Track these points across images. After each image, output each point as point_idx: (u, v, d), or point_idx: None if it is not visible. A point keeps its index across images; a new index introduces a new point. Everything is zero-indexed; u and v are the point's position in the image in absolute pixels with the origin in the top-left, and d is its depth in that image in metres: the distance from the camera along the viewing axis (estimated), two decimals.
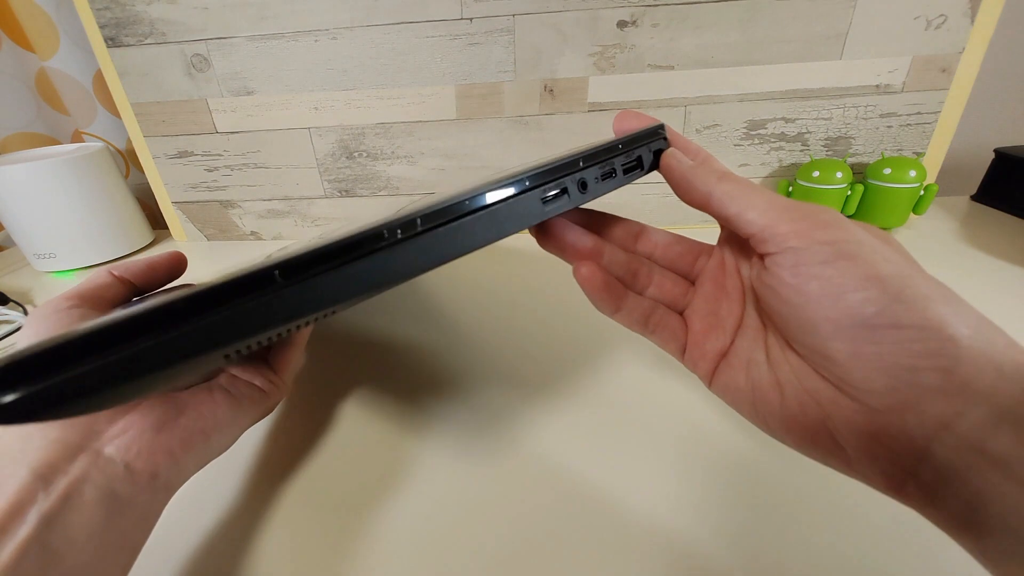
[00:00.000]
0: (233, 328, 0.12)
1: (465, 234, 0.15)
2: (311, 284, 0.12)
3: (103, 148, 0.56)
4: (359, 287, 0.13)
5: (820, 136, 0.51)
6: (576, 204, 0.18)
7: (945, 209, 0.56)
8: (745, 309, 0.20)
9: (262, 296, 0.12)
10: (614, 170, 0.19)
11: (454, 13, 0.48)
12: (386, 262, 0.13)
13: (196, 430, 0.21)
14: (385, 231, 0.13)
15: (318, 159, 0.57)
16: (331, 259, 0.13)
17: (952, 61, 0.47)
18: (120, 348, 0.10)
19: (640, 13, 0.47)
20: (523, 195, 0.16)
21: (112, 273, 0.24)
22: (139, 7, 0.50)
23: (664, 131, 0.21)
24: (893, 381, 0.14)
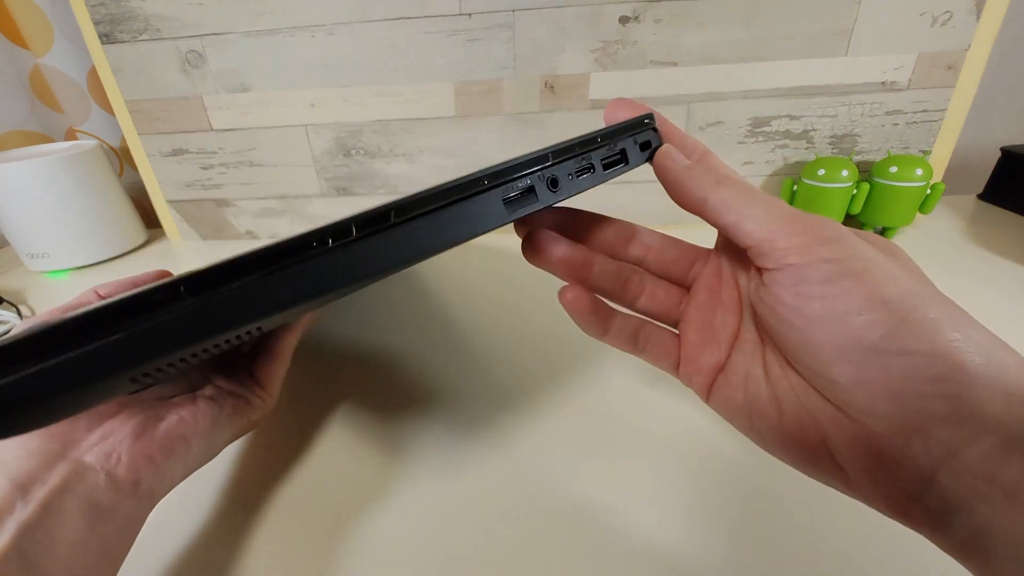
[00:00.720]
0: (136, 350, 0.10)
1: (410, 241, 0.13)
2: (224, 299, 0.11)
3: (97, 146, 0.56)
4: (282, 302, 0.12)
5: (825, 134, 0.51)
6: (547, 204, 0.16)
7: (951, 208, 0.55)
8: (742, 321, 0.19)
9: (168, 314, 0.10)
10: (591, 165, 0.17)
11: (453, 8, 0.47)
12: (316, 274, 0.12)
13: (177, 436, 0.21)
14: (314, 240, 0.12)
15: (315, 157, 0.56)
16: (249, 271, 0.11)
17: (958, 58, 0.46)
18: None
19: (642, 9, 0.46)
20: (480, 195, 0.14)
21: (97, 292, 0.24)
22: (134, 3, 0.50)
23: (653, 121, 0.19)
24: (898, 407, 0.13)
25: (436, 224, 0.14)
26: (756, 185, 0.54)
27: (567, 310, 0.20)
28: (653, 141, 0.19)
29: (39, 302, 0.50)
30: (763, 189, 0.54)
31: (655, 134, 0.19)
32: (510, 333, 0.38)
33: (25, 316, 0.47)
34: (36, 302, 0.50)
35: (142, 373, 0.11)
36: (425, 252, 0.13)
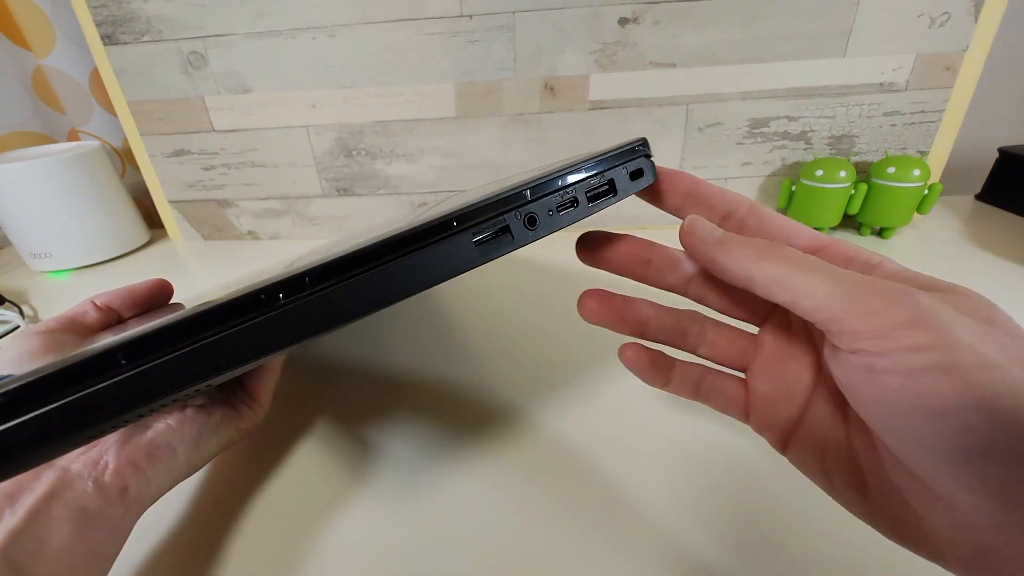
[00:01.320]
0: (74, 419, 0.10)
1: (370, 290, 0.12)
2: (162, 367, 0.11)
3: (99, 147, 0.56)
4: (234, 361, 0.11)
5: (823, 135, 0.51)
6: (524, 243, 0.15)
7: (949, 208, 0.55)
8: (818, 378, 0.17)
9: (104, 383, 0.11)
10: (575, 199, 0.16)
11: (453, 10, 0.48)
12: (269, 330, 0.12)
13: (163, 444, 0.21)
14: (263, 295, 0.11)
15: (316, 157, 0.56)
16: (191, 334, 0.11)
17: (956, 59, 0.47)
18: None
19: (642, 10, 0.47)
20: (447, 239, 0.13)
21: (94, 302, 0.25)
22: (136, 4, 0.50)
23: (647, 148, 0.18)
24: (1005, 518, 0.11)
25: (400, 271, 0.13)
26: (755, 186, 0.54)
27: (628, 367, 0.19)
28: (646, 169, 0.18)
29: (41, 302, 0.50)
30: (761, 190, 0.54)
31: (648, 161, 0.18)
32: (503, 339, 0.38)
33: (28, 316, 0.47)
34: (38, 302, 0.50)
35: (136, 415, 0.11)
36: (389, 300, 0.13)
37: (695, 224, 0.17)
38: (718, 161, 0.53)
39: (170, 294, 0.28)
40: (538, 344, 0.37)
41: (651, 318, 0.19)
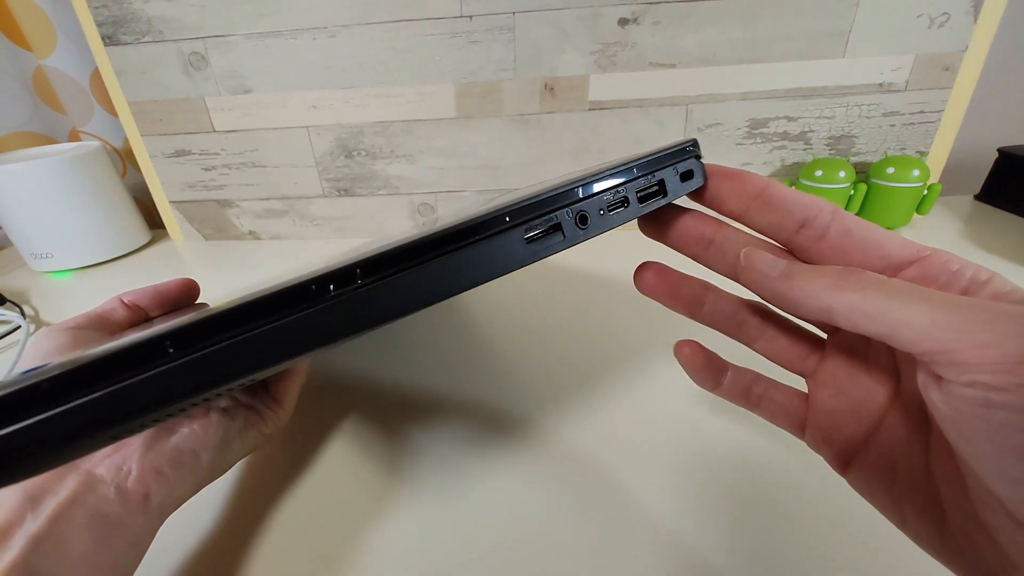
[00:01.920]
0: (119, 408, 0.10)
1: (421, 285, 0.12)
2: (214, 354, 0.11)
3: (100, 147, 0.56)
4: (283, 352, 0.11)
5: (823, 135, 0.51)
6: (574, 243, 0.14)
7: (949, 208, 0.55)
8: (896, 398, 0.15)
9: (152, 371, 0.10)
10: (626, 198, 0.15)
11: (454, 11, 0.48)
12: (318, 323, 0.11)
13: (187, 450, 0.20)
14: (314, 285, 0.11)
15: (316, 158, 0.57)
16: (239, 325, 0.11)
17: (955, 59, 0.47)
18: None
19: (641, 11, 0.47)
20: (500, 235, 0.13)
21: (122, 300, 0.25)
22: (136, 5, 0.50)
23: (697, 148, 0.17)
24: None
25: (455, 265, 0.12)
26: None
27: (681, 364, 0.18)
28: (696, 171, 0.17)
29: (42, 302, 0.50)
30: None
31: (699, 163, 0.17)
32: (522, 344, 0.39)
33: (28, 316, 0.47)
34: (39, 302, 0.50)
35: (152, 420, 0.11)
36: (441, 295, 0.12)
37: (752, 258, 0.15)
38: (718, 161, 0.53)
39: (197, 294, 0.28)
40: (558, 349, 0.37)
41: (707, 299, 0.18)
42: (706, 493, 0.25)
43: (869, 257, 0.14)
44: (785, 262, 0.15)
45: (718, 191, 0.17)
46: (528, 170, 0.55)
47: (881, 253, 0.14)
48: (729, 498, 0.24)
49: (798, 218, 0.15)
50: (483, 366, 0.35)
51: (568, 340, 0.37)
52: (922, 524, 0.14)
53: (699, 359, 0.18)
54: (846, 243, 0.15)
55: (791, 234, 0.16)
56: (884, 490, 0.15)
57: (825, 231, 0.15)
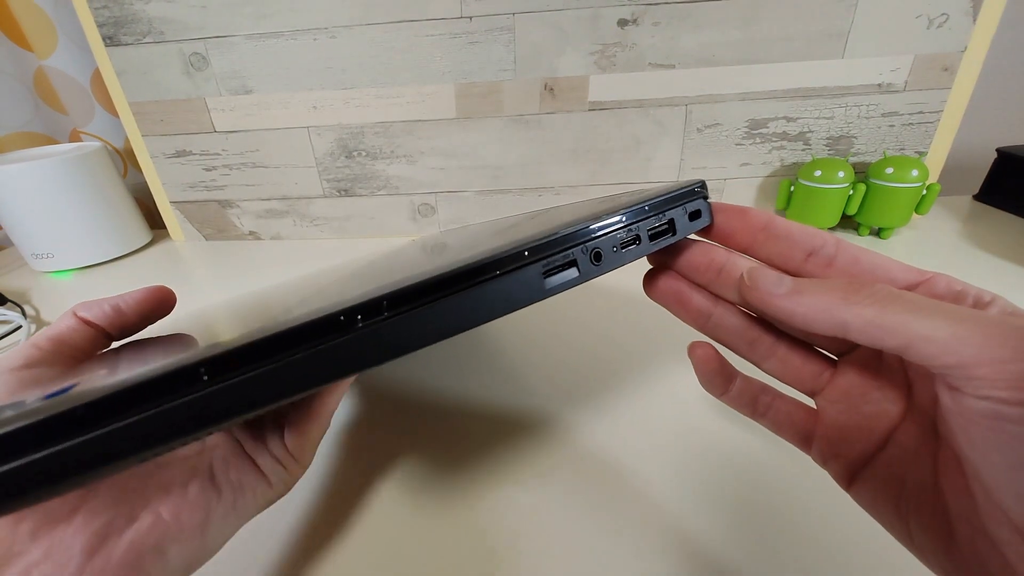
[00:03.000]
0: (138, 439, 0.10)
1: (445, 318, 0.12)
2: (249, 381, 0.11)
3: (101, 147, 0.56)
4: (309, 382, 0.11)
5: (822, 135, 0.51)
6: (587, 279, 0.15)
7: (947, 208, 0.55)
8: (908, 410, 0.15)
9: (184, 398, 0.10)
10: (638, 236, 0.16)
11: (454, 11, 0.48)
12: (345, 353, 0.12)
13: (148, 549, 0.15)
14: (343, 316, 0.11)
15: (317, 158, 0.57)
16: (273, 353, 0.11)
17: (954, 60, 0.47)
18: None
19: (641, 11, 0.47)
20: (519, 271, 0.13)
21: (77, 315, 0.19)
22: (137, 6, 0.50)
23: (704, 189, 0.18)
24: None
25: (477, 299, 0.13)
26: (754, 186, 0.54)
27: (694, 365, 0.18)
28: (703, 211, 0.17)
29: (43, 302, 0.50)
30: (760, 190, 0.54)
31: (706, 203, 0.18)
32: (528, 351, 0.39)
33: (29, 316, 0.47)
34: (40, 302, 0.50)
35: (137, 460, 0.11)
36: (463, 327, 0.13)
37: (756, 277, 0.15)
38: (717, 162, 0.53)
39: (171, 305, 0.21)
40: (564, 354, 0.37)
41: (714, 311, 0.18)
42: (713, 495, 0.25)
43: (877, 280, 0.15)
44: (791, 279, 0.15)
45: (725, 226, 0.17)
46: (528, 170, 0.55)
47: (888, 277, 0.15)
48: (738, 501, 0.24)
49: (805, 247, 0.16)
50: (492, 369, 0.35)
51: (576, 345, 0.37)
52: (928, 539, 0.13)
53: (713, 362, 0.18)
54: (853, 269, 0.15)
55: (799, 263, 0.16)
56: (891, 505, 0.14)
57: (832, 259, 0.15)
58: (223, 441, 0.19)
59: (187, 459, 0.18)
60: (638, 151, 0.53)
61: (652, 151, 0.53)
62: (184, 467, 0.17)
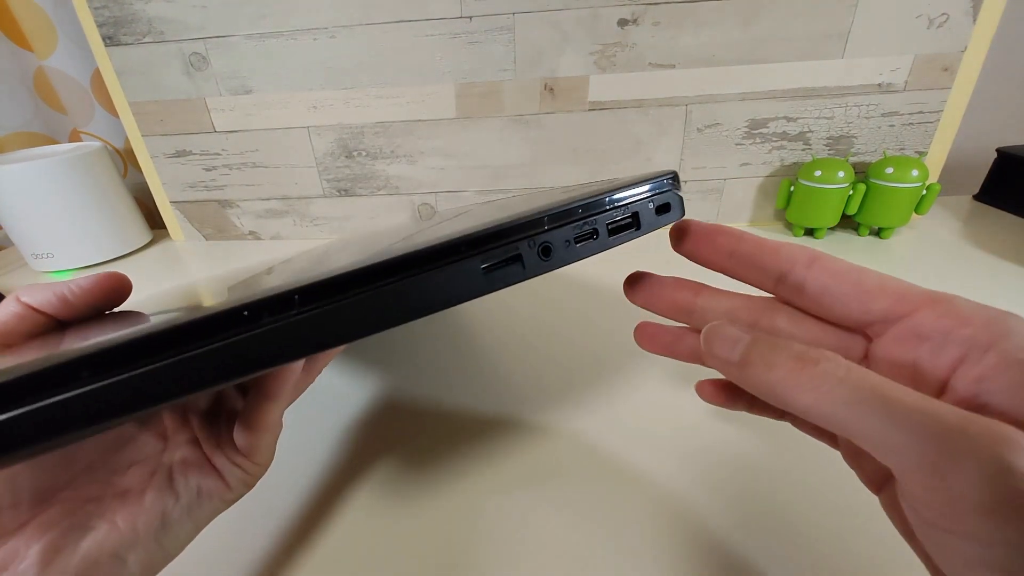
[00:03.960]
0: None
1: (369, 311, 0.12)
2: (145, 375, 0.10)
3: (101, 147, 0.56)
4: (209, 379, 0.11)
5: (822, 135, 0.51)
6: (536, 274, 0.14)
7: (947, 208, 0.55)
8: None
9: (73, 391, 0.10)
10: (596, 231, 0.15)
11: (454, 11, 0.48)
12: (247, 350, 0.11)
13: (104, 556, 0.15)
14: (246, 311, 0.11)
15: (317, 158, 0.57)
16: (173, 347, 0.10)
17: (954, 60, 0.47)
18: None
19: (641, 11, 0.47)
20: (455, 264, 0.12)
21: (20, 300, 0.17)
22: (137, 6, 0.50)
23: (676, 181, 0.16)
24: None
25: (399, 295, 0.12)
26: (754, 186, 0.54)
27: (705, 400, 0.18)
28: (674, 204, 0.16)
29: None
30: (760, 190, 0.54)
31: (676, 196, 0.16)
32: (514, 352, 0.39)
33: None
34: None
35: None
36: (385, 324, 0.12)
37: (711, 341, 0.14)
38: (717, 162, 0.53)
39: (125, 292, 0.19)
40: (551, 354, 0.37)
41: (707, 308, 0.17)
42: (712, 490, 0.25)
43: (850, 311, 0.14)
44: (745, 342, 0.13)
45: (695, 251, 0.17)
46: (528, 170, 0.55)
47: (863, 308, 0.14)
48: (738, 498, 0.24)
49: (773, 273, 0.15)
50: (478, 372, 0.35)
51: (562, 345, 0.37)
52: (930, 567, 0.13)
53: (721, 396, 0.18)
54: (825, 300, 0.15)
55: (772, 288, 0.16)
56: (900, 525, 0.14)
57: (802, 285, 0.15)
58: (183, 441, 0.19)
59: (147, 461, 0.18)
60: (638, 151, 0.53)
61: (652, 151, 0.53)
62: (143, 469, 0.17)
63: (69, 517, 0.15)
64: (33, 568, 0.14)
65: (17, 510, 0.15)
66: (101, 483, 0.16)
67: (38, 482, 0.15)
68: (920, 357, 0.13)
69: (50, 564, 0.14)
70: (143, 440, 0.18)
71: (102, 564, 0.15)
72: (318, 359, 0.21)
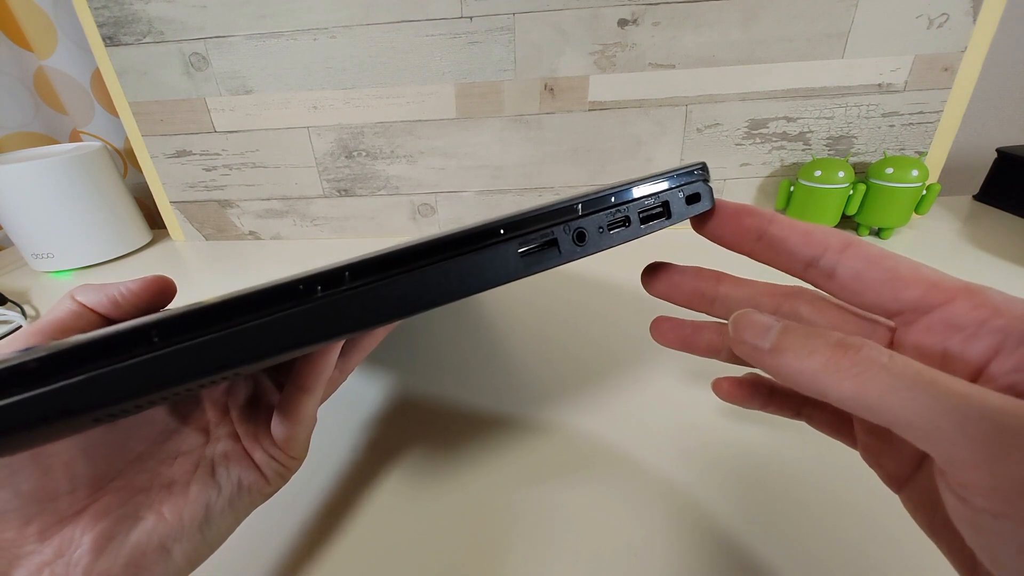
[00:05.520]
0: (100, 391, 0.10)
1: (412, 290, 0.12)
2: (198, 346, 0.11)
3: (101, 147, 0.56)
4: (262, 351, 0.11)
5: (822, 135, 0.51)
6: (571, 259, 0.14)
7: (947, 208, 0.55)
8: None
9: (132, 360, 0.10)
10: (627, 218, 0.15)
11: (454, 11, 0.48)
12: (299, 324, 0.11)
13: (153, 547, 0.16)
14: (301, 286, 0.11)
15: (317, 158, 0.57)
16: (227, 319, 0.11)
17: (954, 60, 0.47)
18: None
19: (641, 11, 0.47)
20: (492, 247, 0.13)
21: (75, 298, 0.17)
22: (137, 6, 0.50)
23: (705, 172, 0.17)
24: None
25: (439, 275, 0.12)
26: (754, 186, 0.54)
27: (724, 400, 0.18)
28: (703, 195, 0.16)
29: (43, 302, 0.50)
30: (760, 190, 0.54)
31: (706, 186, 0.17)
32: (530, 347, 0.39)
33: (30, 316, 0.47)
34: (40, 302, 0.50)
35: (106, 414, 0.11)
36: (429, 303, 0.12)
37: (741, 328, 0.14)
38: (717, 162, 0.53)
39: (171, 296, 0.20)
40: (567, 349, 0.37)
41: (723, 348, 0.17)
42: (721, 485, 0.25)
43: (881, 298, 0.14)
44: (777, 329, 0.13)
45: (720, 233, 0.17)
46: (528, 170, 0.55)
47: (895, 295, 0.13)
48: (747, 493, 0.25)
49: (803, 258, 0.15)
50: (494, 367, 0.35)
51: (578, 343, 0.37)
52: (956, 561, 0.13)
53: (740, 395, 0.18)
54: (855, 286, 0.14)
55: (800, 273, 0.15)
56: (925, 522, 0.14)
57: (833, 270, 0.14)
58: (224, 435, 0.19)
59: (191, 452, 0.18)
60: (638, 151, 0.53)
61: (652, 151, 0.53)
62: (188, 461, 0.18)
63: (121, 506, 0.16)
64: (87, 556, 0.14)
65: (75, 496, 0.15)
66: (149, 473, 0.17)
67: (93, 470, 0.16)
68: (951, 346, 0.13)
69: (102, 553, 0.15)
70: (187, 433, 0.19)
71: (149, 555, 0.16)
72: (351, 357, 0.22)
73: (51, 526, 0.15)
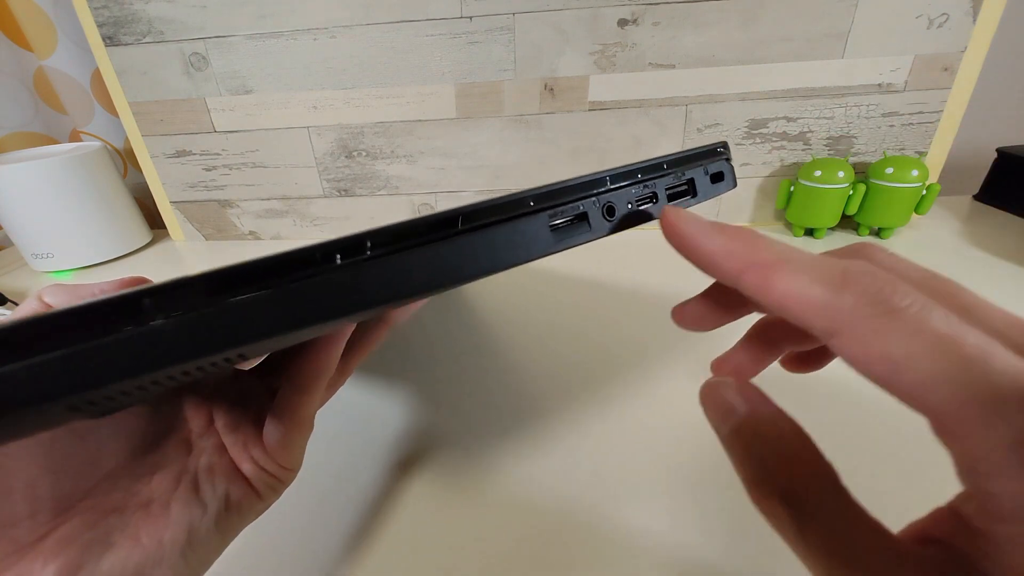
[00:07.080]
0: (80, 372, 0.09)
1: (436, 264, 0.11)
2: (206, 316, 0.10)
3: (101, 147, 0.56)
4: (278, 324, 0.10)
5: (822, 135, 0.51)
6: (600, 235, 0.14)
7: (947, 208, 0.55)
8: None
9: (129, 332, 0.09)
10: (654, 194, 0.15)
11: (454, 11, 0.48)
12: (318, 292, 0.10)
13: (127, 574, 0.14)
14: (319, 254, 0.10)
15: (317, 158, 0.57)
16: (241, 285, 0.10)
17: (954, 60, 0.47)
18: None
19: (641, 11, 0.47)
20: (522, 219, 0.12)
21: (42, 299, 0.15)
22: (137, 6, 0.50)
23: (727, 150, 0.17)
24: None
25: (475, 246, 0.11)
26: (754, 186, 0.54)
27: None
28: (726, 173, 0.16)
29: None
30: (760, 190, 0.54)
31: (728, 166, 0.17)
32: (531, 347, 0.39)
33: None
34: None
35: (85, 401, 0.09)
36: (450, 279, 0.11)
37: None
38: None
39: None
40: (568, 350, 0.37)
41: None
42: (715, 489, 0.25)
43: None
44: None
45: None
46: (528, 170, 0.55)
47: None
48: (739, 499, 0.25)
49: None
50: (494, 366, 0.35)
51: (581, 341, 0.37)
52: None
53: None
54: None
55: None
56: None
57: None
58: (208, 446, 0.17)
59: (171, 467, 0.16)
60: (638, 151, 0.53)
61: (652, 151, 0.53)
62: (168, 477, 0.16)
63: (90, 530, 0.14)
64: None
65: (35, 520, 0.13)
66: (123, 491, 0.15)
67: (59, 489, 0.14)
68: None
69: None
70: (166, 445, 0.17)
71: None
72: (351, 357, 0.21)
73: (7, 557, 0.13)
